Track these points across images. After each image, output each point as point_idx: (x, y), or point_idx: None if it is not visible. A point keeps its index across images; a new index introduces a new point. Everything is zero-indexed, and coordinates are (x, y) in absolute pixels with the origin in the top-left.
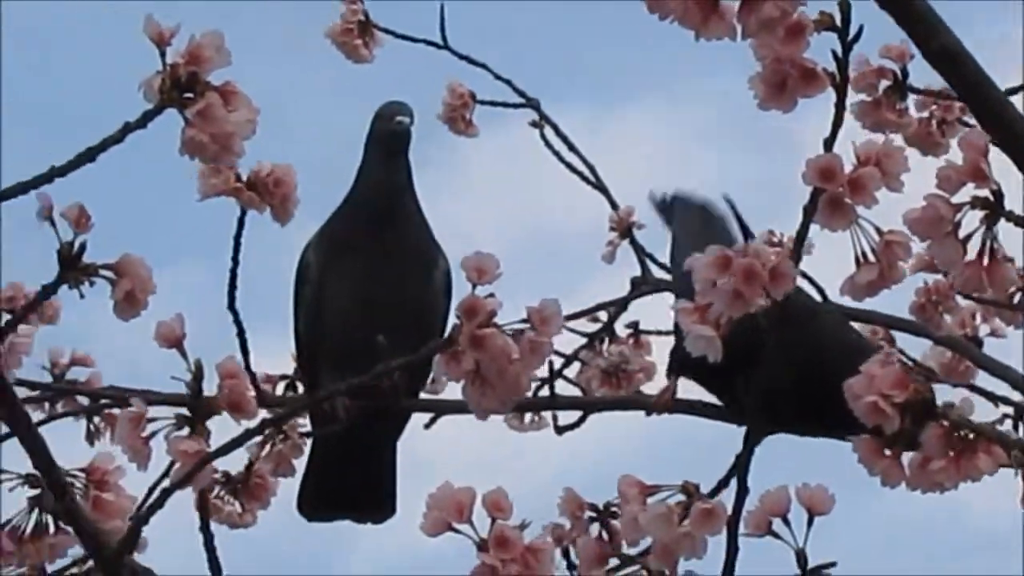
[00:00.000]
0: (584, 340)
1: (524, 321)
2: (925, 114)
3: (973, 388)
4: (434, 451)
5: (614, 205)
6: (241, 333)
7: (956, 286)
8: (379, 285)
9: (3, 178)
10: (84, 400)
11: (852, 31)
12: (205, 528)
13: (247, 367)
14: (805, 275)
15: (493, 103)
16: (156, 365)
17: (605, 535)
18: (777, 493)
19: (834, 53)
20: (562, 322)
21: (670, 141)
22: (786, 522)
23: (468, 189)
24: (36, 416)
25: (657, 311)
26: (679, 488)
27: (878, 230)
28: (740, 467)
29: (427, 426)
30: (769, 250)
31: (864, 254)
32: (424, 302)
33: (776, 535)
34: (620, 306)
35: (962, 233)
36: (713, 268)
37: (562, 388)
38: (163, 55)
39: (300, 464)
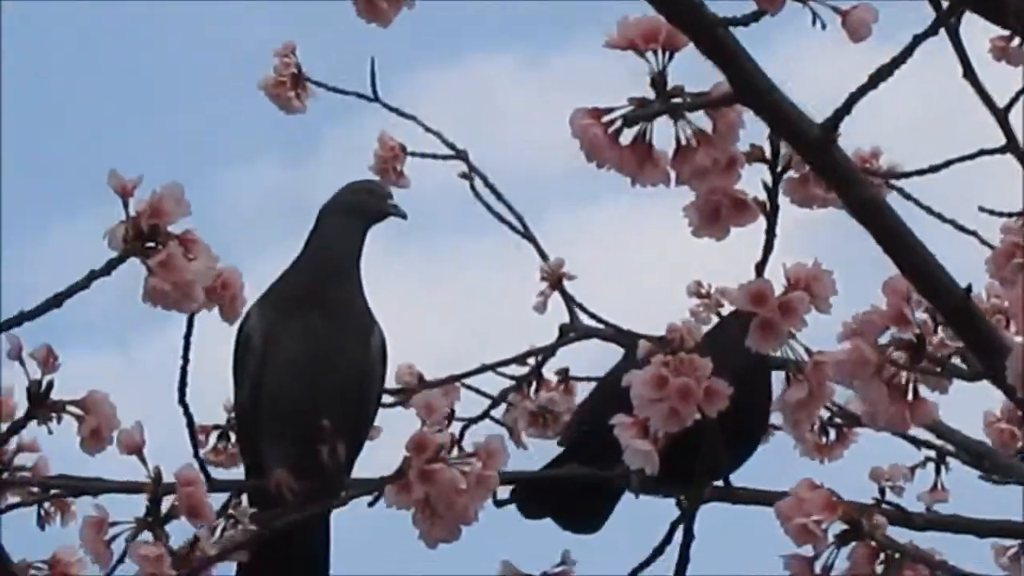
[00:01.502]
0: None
1: (471, 455)
2: None
3: (896, 432)
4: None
5: (544, 256)
6: (191, 425)
7: (882, 423)
8: (323, 347)
9: None
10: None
11: (781, 163)
12: None
13: (196, 454)
14: None
15: (423, 155)
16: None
17: None
18: None
19: (764, 184)
20: (505, 457)
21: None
22: None
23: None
24: None
25: (585, 357)
26: None
27: (808, 350)
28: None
29: (371, 504)
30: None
31: (795, 373)
32: (364, 368)
33: None
34: (549, 352)
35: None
36: (650, 386)
37: (489, 428)
38: (126, 205)
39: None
